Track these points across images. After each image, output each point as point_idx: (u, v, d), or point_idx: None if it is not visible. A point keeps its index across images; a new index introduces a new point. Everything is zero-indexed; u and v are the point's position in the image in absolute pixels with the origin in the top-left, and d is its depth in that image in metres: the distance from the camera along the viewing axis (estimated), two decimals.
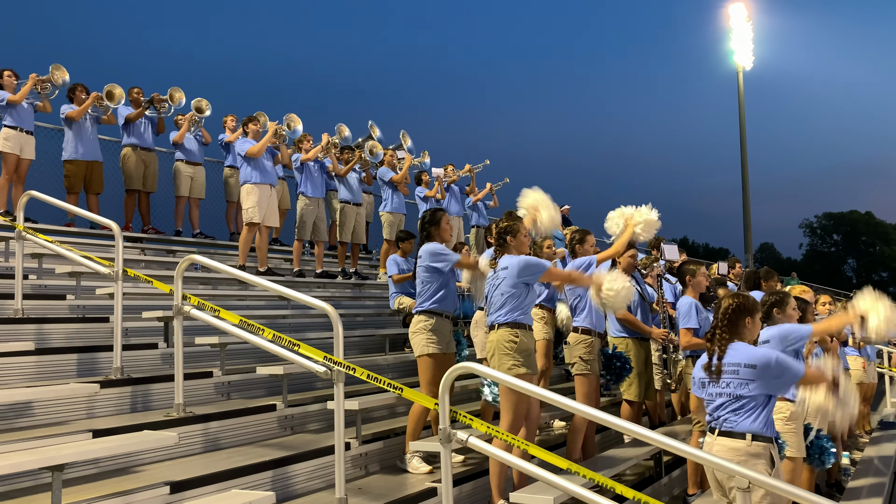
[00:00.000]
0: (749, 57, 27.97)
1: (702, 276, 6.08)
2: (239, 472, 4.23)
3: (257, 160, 8.70)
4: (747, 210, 27.10)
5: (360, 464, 5.12)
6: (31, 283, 6.59)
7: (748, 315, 3.84)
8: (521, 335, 4.68)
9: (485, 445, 3.80)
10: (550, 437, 6.44)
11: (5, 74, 8.35)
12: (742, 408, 3.61)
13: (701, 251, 62.64)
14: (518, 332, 4.68)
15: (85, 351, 5.49)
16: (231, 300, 8.03)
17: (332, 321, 4.16)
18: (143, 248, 9.50)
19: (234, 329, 4.74)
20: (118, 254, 5.41)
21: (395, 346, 8.11)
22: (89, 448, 3.65)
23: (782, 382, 3.73)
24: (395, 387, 4.19)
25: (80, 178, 8.94)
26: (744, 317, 3.82)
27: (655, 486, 5.85)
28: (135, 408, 5.12)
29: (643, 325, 6.42)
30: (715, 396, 3.70)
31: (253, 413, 5.22)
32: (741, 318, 3.82)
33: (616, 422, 3.52)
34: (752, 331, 3.87)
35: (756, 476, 3.14)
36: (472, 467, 5.20)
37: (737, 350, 3.72)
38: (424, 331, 5.18)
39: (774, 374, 3.62)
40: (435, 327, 5.18)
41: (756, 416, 3.59)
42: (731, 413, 3.63)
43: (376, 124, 11.52)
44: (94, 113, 9.05)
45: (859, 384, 8.06)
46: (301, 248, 10.03)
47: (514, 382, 3.86)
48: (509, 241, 4.91)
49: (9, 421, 4.42)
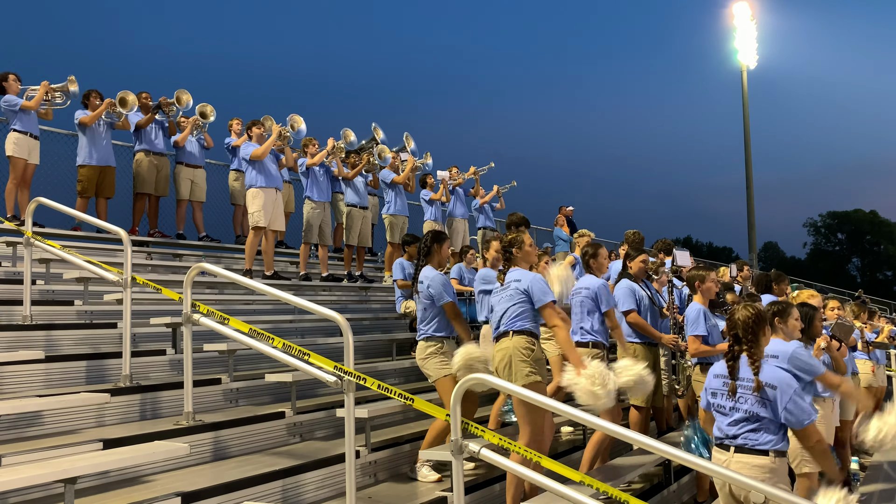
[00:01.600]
0: (753, 56, 27.98)
1: (711, 283, 6.05)
2: (249, 482, 4.23)
3: (262, 164, 8.69)
4: (751, 209, 27.10)
5: (369, 472, 5.12)
6: (38, 288, 6.59)
7: (765, 324, 3.82)
8: (536, 344, 4.71)
9: (496, 457, 3.78)
10: (559, 444, 6.43)
11: (10, 78, 8.36)
12: (762, 425, 3.58)
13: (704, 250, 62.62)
14: (533, 341, 4.69)
15: (94, 358, 5.50)
16: (238, 304, 8.04)
17: (343, 330, 4.14)
18: (150, 251, 9.51)
19: (245, 338, 4.74)
20: (127, 261, 5.41)
21: (402, 350, 8.11)
22: (102, 461, 3.65)
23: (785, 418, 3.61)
24: (406, 397, 4.18)
25: (94, 182, 8.99)
26: (762, 327, 3.80)
27: (665, 494, 5.84)
28: (144, 415, 5.12)
29: (653, 330, 6.40)
30: (729, 410, 3.67)
31: (262, 421, 5.22)
32: (760, 329, 3.79)
33: (629, 434, 3.51)
34: (767, 339, 3.85)
35: (771, 490, 3.12)
36: (481, 475, 5.20)
37: None
38: (436, 354, 5.33)
39: (785, 406, 3.57)
40: (445, 350, 5.33)
41: (776, 431, 3.57)
42: (750, 431, 3.59)
43: (379, 126, 11.53)
44: (107, 119, 9.09)
45: (868, 388, 8.03)
46: (308, 252, 10.03)
47: (528, 395, 3.84)
48: (515, 254, 4.91)
49: (20, 430, 4.42)
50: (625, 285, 6.49)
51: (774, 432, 3.56)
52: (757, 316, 3.78)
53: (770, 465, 3.53)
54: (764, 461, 3.54)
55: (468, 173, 12.10)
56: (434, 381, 5.36)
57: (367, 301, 9.95)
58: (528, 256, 4.94)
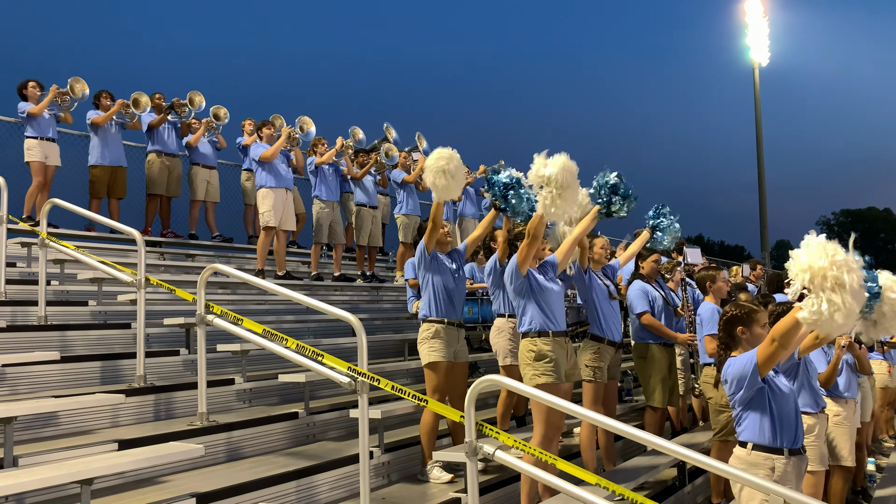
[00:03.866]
0: (765, 53, 27.74)
1: (722, 282, 6.02)
2: (263, 482, 4.24)
3: (272, 164, 8.71)
4: (763, 207, 26.91)
5: (382, 472, 5.12)
6: (53, 288, 6.63)
7: (740, 324, 3.79)
8: (540, 342, 4.69)
9: (511, 459, 3.77)
10: (573, 444, 6.40)
11: (30, 85, 8.48)
12: (739, 417, 3.62)
13: (716, 249, 62.28)
14: (536, 341, 4.69)
15: (108, 358, 5.54)
16: (250, 304, 8.06)
17: (356, 331, 4.15)
18: (162, 252, 9.56)
19: (258, 339, 4.75)
20: (140, 262, 5.44)
21: (414, 350, 8.06)
22: (117, 462, 3.66)
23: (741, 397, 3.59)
24: (419, 398, 4.18)
25: (105, 183, 9.05)
26: (735, 326, 3.79)
27: (679, 495, 5.81)
28: (158, 416, 5.15)
29: (668, 330, 6.36)
30: None
31: (275, 421, 5.24)
32: (733, 328, 3.79)
33: (642, 435, 3.48)
34: (750, 341, 3.77)
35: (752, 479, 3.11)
36: (494, 476, 5.18)
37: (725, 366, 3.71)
38: (428, 339, 5.26)
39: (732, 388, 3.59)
40: (438, 335, 5.22)
41: (751, 424, 3.56)
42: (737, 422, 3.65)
43: (392, 126, 11.52)
44: (119, 119, 9.15)
45: (884, 388, 7.95)
46: (319, 252, 10.04)
47: (538, 395, 3.83)
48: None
49: (36, 430, 4.46)
50: (637, 286, 6.45)
51: (751, 424, 3.57)
52: (731, 316, 3.83)
53: (746, 457, 3.55)
54: (741, 452, 3.59)
55: (478, 172, 12.07)
56: (423, 366, 5.30)
57: (379, 301, 9.95)
58: None
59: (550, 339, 4.70)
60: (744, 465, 3.54)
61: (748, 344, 3.76)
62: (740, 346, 3.79)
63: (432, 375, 5.18)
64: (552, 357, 4.65)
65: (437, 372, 5.16)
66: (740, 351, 3.75)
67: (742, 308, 3.85)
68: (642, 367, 6.40)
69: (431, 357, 5.18)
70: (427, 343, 5.23)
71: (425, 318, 5.34)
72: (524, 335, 4.76)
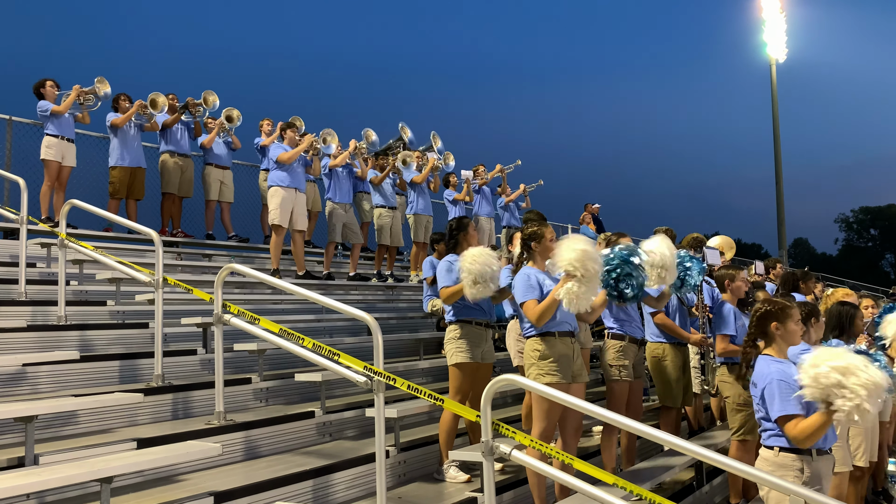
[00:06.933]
0: (782, 49, 27.46)
1: (741, 281, 5.97)
2: (281, 481, 4.26)
3: (288, 164, 8.75)
4: (781, 204, 26.65)
5: (398, 472, 5.13)
6: (72, 289, 6.70)
7: (774, 320, 3.74)
8: (545, 343, 4.63)
9: (528, 459, 3.77)
10: (591, 444, 6.37)
11: (48, 84, 8.54)
12: (765, 418, 3.59)
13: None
14: (539, 341, 4.64)
15: (127, 358, 5.58)
16: (267, 304, 8.10)
17: (372, 331, 4.16)
18: (179, 252, 9.62)
19: (275, 338, 4.77)
20: (158, 262, 5.48)
21: (429, 349, 8.11)
22: (136, 460, 3.69)
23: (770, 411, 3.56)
24: (435, 398, 4.18)
25: (125, 184, 9.13)
26: (769, 322, 3.74)
27: (696, 495, 5.77)
28: (176, 415, 5.19)
29: (681, 330, 6.31)
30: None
31: (292, 420, 5.26)
32: (766, 325, 3.74)
33: (660, 435, 3.46)
34: (784, 337, 3.73)
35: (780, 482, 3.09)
36: (511, 475, 5.18)
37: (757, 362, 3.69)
38: (454, 339, 5.23)
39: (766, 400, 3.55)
40: (464, 335, 5.19)
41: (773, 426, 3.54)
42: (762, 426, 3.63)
43: (407, 125, 11.54)
44: (137, 121, 9.23)
45: None
46: (332, 252, 10.08)
47: (545, 391, 3.83)
48: (534, 248, 4.83)
49: (56, 429, 4.51)
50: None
51: (772, 427, 3.55)
52: (765, 311, 3.77)
53: (774, 459, 3.53)
54: (768, 454, 3.57)
55: (494, 171, 12.06)
56: (449, 365, 5.28)
57: (394, 300, 9.97)
58: (546, 252, 4.78)
59: (556, 339, 4.65)
60: (772, 466, 3.50)
61: (782, 340, 3.72)
62: (774, 343, 3.73)
63: (457, 375, 5.17)
64: (556, 357, 4.61)
65: (462, 372, 5.15)
66: (774, 349, 3.70)
67: (775, 304, 3.82)
68: (656, 367, 6.36)
69: (458, 357, 5.17)
70: (454, 343, 5.23)
71: (451, 321, 5.30)
72: (528, 336, 4.72)
